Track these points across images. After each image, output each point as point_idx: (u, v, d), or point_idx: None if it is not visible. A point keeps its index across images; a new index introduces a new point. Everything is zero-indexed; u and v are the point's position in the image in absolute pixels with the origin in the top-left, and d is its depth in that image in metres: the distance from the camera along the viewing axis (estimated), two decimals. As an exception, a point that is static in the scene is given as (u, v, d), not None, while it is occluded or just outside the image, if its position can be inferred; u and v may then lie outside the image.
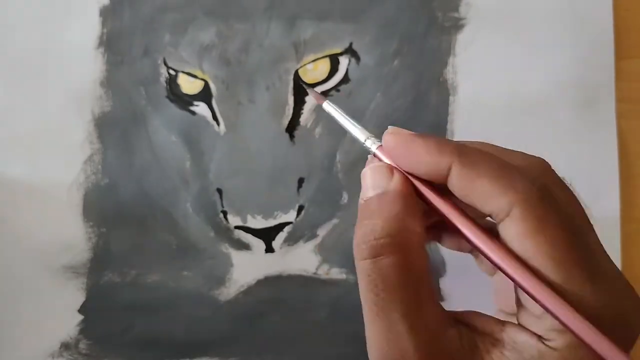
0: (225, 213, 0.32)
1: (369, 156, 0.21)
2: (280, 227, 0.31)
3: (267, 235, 0.31)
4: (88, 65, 0.33)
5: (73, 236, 0.32)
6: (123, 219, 0.32)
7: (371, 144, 0.21)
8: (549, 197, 0.18)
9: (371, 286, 0.18)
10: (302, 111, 0.32)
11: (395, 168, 0.20)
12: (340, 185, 0.31)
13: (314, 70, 0.32)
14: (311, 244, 0.32)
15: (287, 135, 0.32)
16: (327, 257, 0.31)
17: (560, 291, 0.17)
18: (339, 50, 0.32)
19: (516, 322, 0.19)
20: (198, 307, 0.31)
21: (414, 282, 0.18)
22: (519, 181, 0.18)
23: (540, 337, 0.18)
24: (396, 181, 0.20)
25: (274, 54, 0.32)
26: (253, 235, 0.31)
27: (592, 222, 0.19)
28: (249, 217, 0.31)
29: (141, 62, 0.33)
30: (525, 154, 0.21)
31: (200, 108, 0.32)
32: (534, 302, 0.18)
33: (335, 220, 0.32)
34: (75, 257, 0.32)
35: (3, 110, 0.33)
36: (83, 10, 0.33)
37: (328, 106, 0.24)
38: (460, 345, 0.18)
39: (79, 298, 0.32)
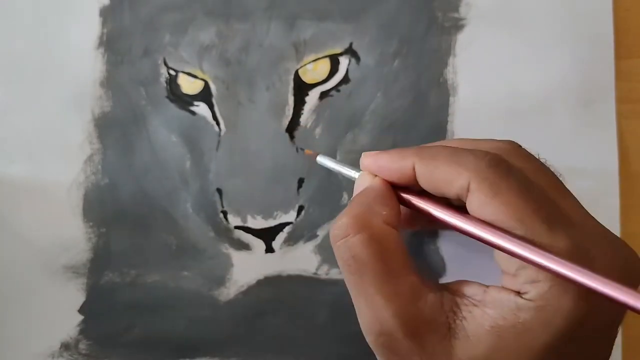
0: (225, 213, 0.32)
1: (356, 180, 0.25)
2: (280, 227, 0.31)
3: (267, 236, 0.31)
4: (88, 65, 0.33)
5: (73, 236, 0.32)
6: (123, 219, 0.32)
7: (355, 174, 0.25)
8: (500, 166, 0.20)
9: (346, 266, 0.21)
10: (302, 111, 0.32)
11: (377, 176, 0.23)
12: (341, 185, 0.31)
13: (314, 70, 0.32)
14: (311, 244, 0.32)
15: (287, 135, 0.32)
16: (327, 257, 0.31)
17: (529, 239, 0.19)
18: (339, 51, 0.32)
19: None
20: (198, 307, 0.31)
21: (382, 255, 0.20)
22: (470, 160, 0.20)
23: (517, 293, 0.19)
24: (374, 181, 0.23)
25: (274, 54, 0.32)
26: (253, 235, 0.31)
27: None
28: (248, 217, 0.31)
29: (141, 62, 0.33)
30: (494, 139, 0.23)
31: (200, 108, 0.32)
32: (508, 262, 0.20)
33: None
34: (75, 257, 0.32)
35: (3, 110, 0.33)
36: (83, 10, 0.33)
37: (322, 159, 0.27)
38: (441, 309, 0.20)
39: (79, 298, 0.32)
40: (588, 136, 0.31)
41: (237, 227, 0.31)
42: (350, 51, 0.32)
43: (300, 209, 0.31)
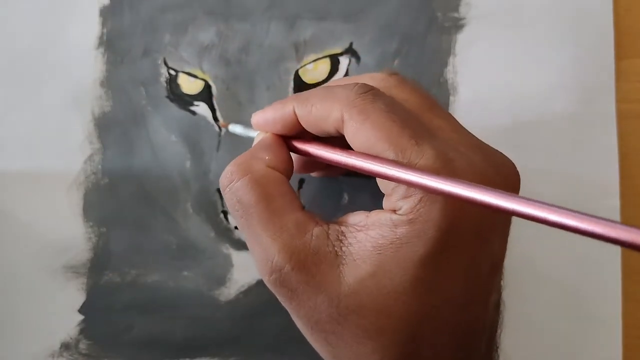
0: (225, 213, 0.32)
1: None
2: (280, 227, 0.31)
3: (267, 235, 0.31)
4: (88, 65, 0.33)
5: (73, 236, 0.32)
6: (123, 219, 0.32)
7: (256, 135, 0.26)
8: (368, 93, 0.21)
9: (234, 210, 0.22)
10: (302, 111, 0.32)
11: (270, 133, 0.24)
12: (341, 185, 0.31)
13: (314, 70, 0.32)
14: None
15: (287, 135, 0.32)
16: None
17: (397, 160, 0.20)
18: (339, 50, 0.32)
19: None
20: (198, 307, 0.31)
21: (265, 196, 0.21)
22: (340, 92, 0.21)
23: (393, 211, 0.20)
24: (257, 138, 0.25)
25: (274, 54, 0.32)
26: (253, 235, 0.31)
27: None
28: (249, 217, 0.31)
29: (141, 62, 0.33)
30: (371, 73, 0.25)
31: (201, 108, 0.32)
32: (384, 184, 0.21)
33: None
34: (75, 257, 0.32)
35: (3, 109, 0.33)
36: (83, 10, 0.33)
37: (233, 127, 0.29)
38: (327, 239, 0.21)
39: (79, 298, 0.32)
40: (588, 136, 0.31)
41: (237, 227, 0.31)
42: (350, 51, 0.32)
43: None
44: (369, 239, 0.20)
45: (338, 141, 0.23)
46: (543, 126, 0.31)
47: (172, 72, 0.32)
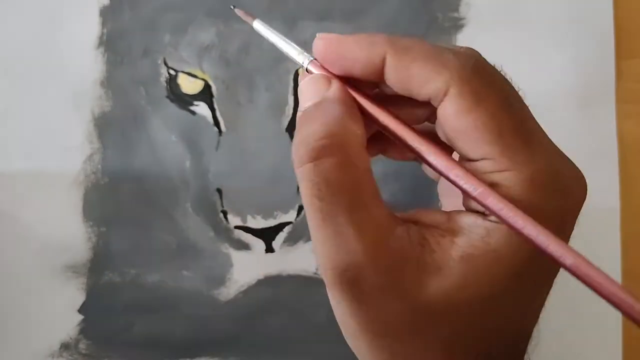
0: (225, 213, 0.32)
1: (300, 71, 0.21)
2: (280, 227, 0.31)
3: (267, 235, 0.31)
4: (88, 65, 0.33)
5: (73, 236, 0.32)
6: (123, 219, 0.32)
7: (304, 59, 0.20)
8: (484, 73, 0.18)
9: (314, 191, 0.18)
10: (302, 111, 0.32)
11: (333, 77, 0.19)
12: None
13: (314, 70, 0.32)
14: (311, 244, 0.31)
15: (287, 135, 0.32)
16: (327, 257, 0.31)
17: (499, 160, 0.17)
18: (339, 50, 0.32)
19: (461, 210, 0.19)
20: (198, 307, 0.31)
21: (357, 182, 0.18)
22: (453, 60, 0.18)
23: (485, 215, 0.18)
24: (334, 88, 0.19)
25: (273, 55, 0.32)
26: (253, 235, 0.31)
27: (591, 221, 0.20)
28: (248, 217, 0.31)
29: (141, 62, 0.33)
30: (456, 45, 0.21)
31: (200, 108, 0.32)
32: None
33: (335, 220, 0.31)
34: (75, 257, 0.32)
35: (3, 109, 0.33)
36: (83, 10, 0.33)
37: (259, 25, 0.23)
38: (410, 242, 0.18)
39: (79, 298, 0.32)
40: (588, 136, 0.31)
41: (237, 227, 0.31)
42: (350, 51, 0.32)
43: (301, 208, 0.31)
44: (456, 247, 0.18)
45: (399, 100, 0.20)
46: (543, 126, 0.31)
47: (172, 72, 0.32)
